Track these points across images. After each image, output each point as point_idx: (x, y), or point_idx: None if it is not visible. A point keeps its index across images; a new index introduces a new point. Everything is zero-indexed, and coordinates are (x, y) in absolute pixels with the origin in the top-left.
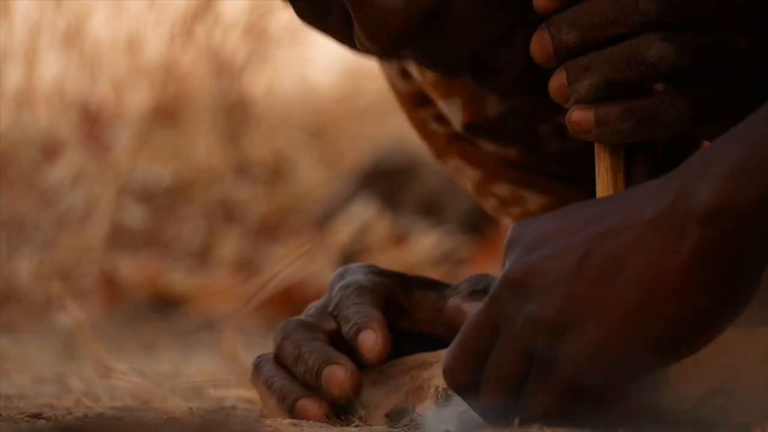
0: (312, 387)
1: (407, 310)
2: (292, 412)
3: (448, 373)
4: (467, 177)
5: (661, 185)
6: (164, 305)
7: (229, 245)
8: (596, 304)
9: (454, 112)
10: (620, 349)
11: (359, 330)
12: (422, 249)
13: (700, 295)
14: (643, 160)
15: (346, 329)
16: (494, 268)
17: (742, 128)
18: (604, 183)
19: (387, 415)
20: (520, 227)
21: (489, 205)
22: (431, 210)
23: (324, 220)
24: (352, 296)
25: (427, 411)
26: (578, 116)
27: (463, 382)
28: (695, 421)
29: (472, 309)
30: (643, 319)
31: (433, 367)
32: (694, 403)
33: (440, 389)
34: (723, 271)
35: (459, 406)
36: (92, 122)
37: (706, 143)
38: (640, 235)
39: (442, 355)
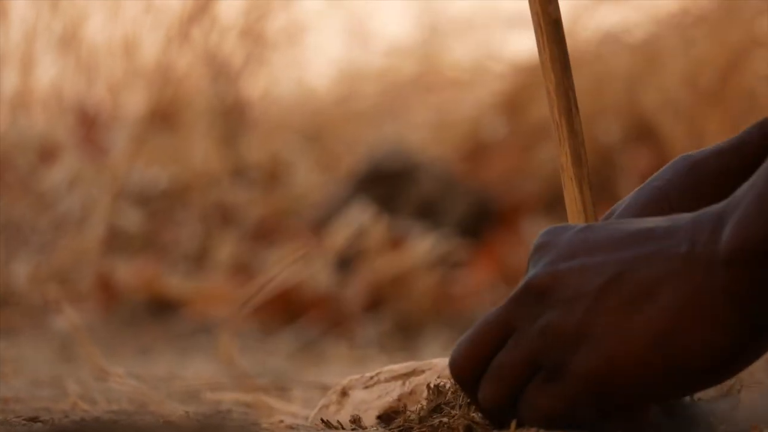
0: None
1: None
2: None
3: (453, 364)
4: None
5: (698, 222)
6: (161, 308)
7: (226, 248)
8: (618, 326)
9: None
10: (636, 373)
11: None
12: (419, 252)
13: (724, 332)
14: None
15: None
16: (491, 271)
17: (762, 171)
18: (570, 194)
19: (379, 417)
20: (551, 233)
21: None
22: (428, 213)
23: (321, 223)
24: None
25: None
26: None
27: (467, 375)
28: (701, 426)
29: None
30: (664, 349)
31: (426, 374)
32: (705, 413)
33: (432, 386)
34: (746, 310)
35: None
36: (89, 125)
37: None
38: (673, 268)
39: (435, 363)
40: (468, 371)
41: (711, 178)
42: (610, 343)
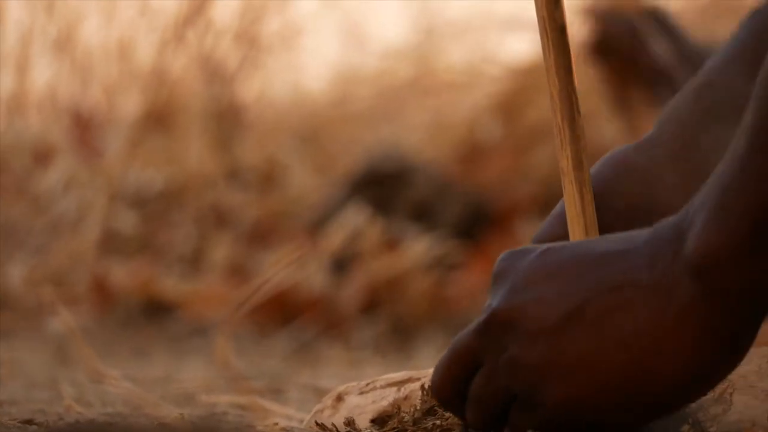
0: None
1: None
2: None
3: (434, 390)
4: None
5: (656, 240)
6: (156, 311)
7: (221, 251)
8: (583, 358)
9: None
10: (606, 403)
11: None
12: (414, 254)
13: (694, 353)
14: None
15: None
16: (486, 274)
17: (715, 176)
18: (570, 197)
19: (373, 421)
20: (509, 260)
21: None
22: (423, 215)
23: (316, 225)
24: None
25: None
26: None
27: (448, 401)
28: (694, 428)
29: None
30: (633, 378)
31: (421, 381)
32: (693, 410)
33: (426, 387)
34: (716, 326)
35: None
36: (84, 128)
37: None
38: (635, 295)
39: (430, 372)
40: (449, 397)
41: (636, 174)
42: (577, 375)
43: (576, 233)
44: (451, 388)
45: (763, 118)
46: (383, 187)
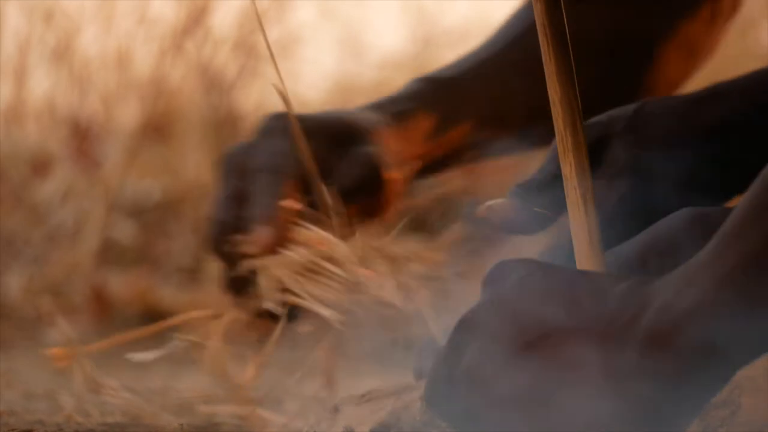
0: None
1: None
2: None
3: (427, 401)
4: None
5: (625, 299)
6: (154, 320)
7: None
8: (523, 391)
9: None
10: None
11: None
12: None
13: (634, 407)
14: None
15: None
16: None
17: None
18: (573, 203)
19: (372, 431)
20: (500, 270)
21: None
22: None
23: None
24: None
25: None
26: None
27: (441, 411)
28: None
29: None
30: (562, 419)
31: (420, 391)
32: (701, 413)
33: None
34: (645, 404)
35: None
36: (82, 138)
37: None
38: (587, 343)
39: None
40: (441, 409)
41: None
42: (514, 411)
43: (579, 239)
44: (441, 400)
45: (735, 224)
46: None
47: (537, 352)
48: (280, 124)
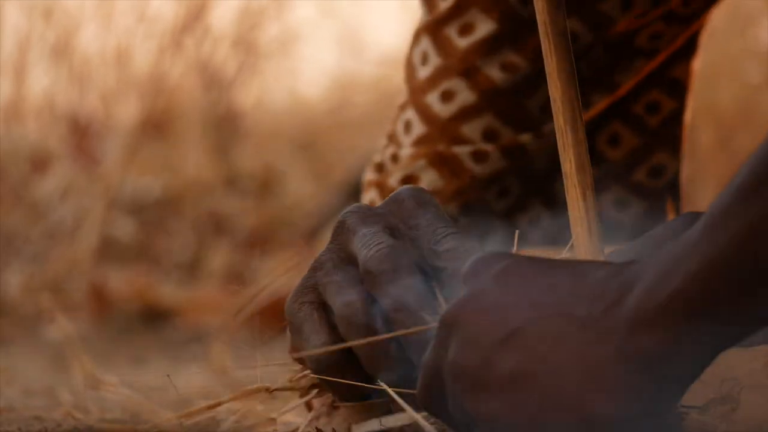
0: None
1: None
2: None
3: (420, 401)
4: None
5: (605, 283)
6: (154, 318)
7: (219, 258)
8: (508, 379)
9: None
10: (523, 427)
11: None
12: None
13: (609, 401)
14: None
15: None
16: None
17: (663, 247)
18: (573, 200)
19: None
20: (480, 264)
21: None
22: None
23: (313, 232)
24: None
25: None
26: None
27: (435, 410)
28: (700, 427)
29: None
30: (548, 408)
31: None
32: (699, 410)
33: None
34: (645, 375)
35: None
36: (81, 135)
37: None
38: (566, 331)
39: None
40: (431, 406)
41: None
42: (500, 393)
43: (579, 235)
44: (432, 402)
45: (724, 204)
46: None
47: (520, 342)
48: None
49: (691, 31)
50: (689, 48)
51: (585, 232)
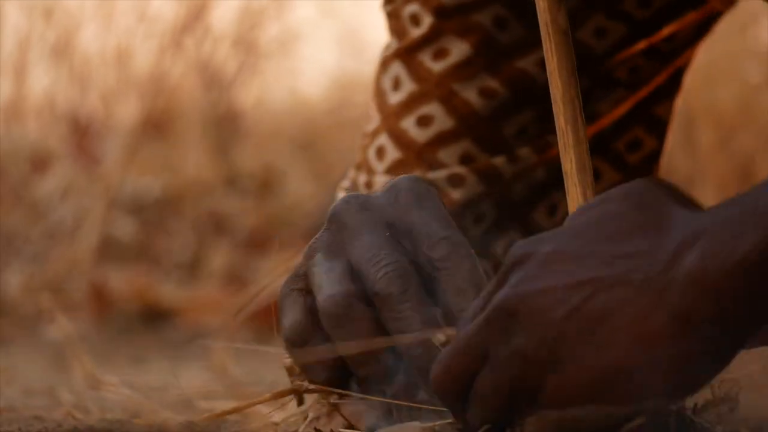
0: None
1: None
2: None
3: (435, 385)
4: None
5: (660, 247)
6: (154, 318)
7: (219, 258)
8: (578, 355)
9: None
10: (599, 397)
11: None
12: None
13: (680, 355)
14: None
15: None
16: None
17: (733, 201)
18: (574, 200)
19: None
20: (526, 247)
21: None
22: None
23: (314, 232)
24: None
25: None
26: None
27: (450, 397)
28: (698, 426)
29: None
30: (618, 377)
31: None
32: (698, 409)
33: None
34: (701, 334)
35: None
36: (82, 135)
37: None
38: (626, 296)
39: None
40: (451, 393)
41: None
42: (572, 371)
43: None
44: (453, 383)
45: None
46: None
47: (578, 318)
48: None
49: (675, 68)
50: (672, 86)
51: None
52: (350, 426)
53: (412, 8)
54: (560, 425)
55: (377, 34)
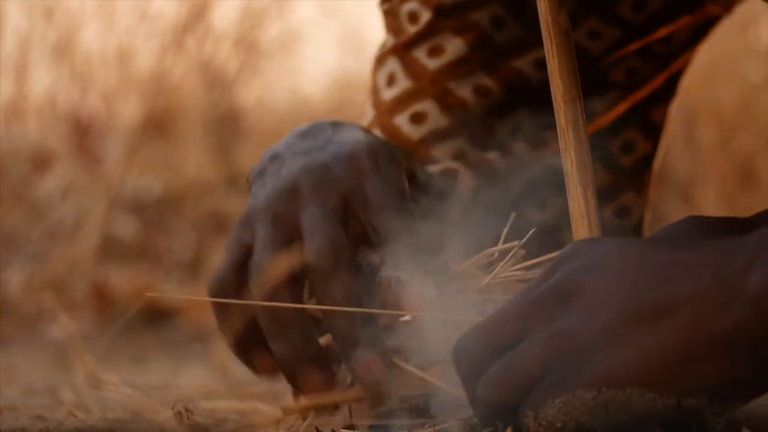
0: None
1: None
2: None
3: (457, 355)
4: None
5: (729, 251)
6: (155, 317)
7: (220, 257)
8: (632, 341)
9: None
10: (647, 383)
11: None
12: None
13: (733, 364)
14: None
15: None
16: None
17: None
18: (574, 199)
19: (371, 426)
20: (582, 245)
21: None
22: None
23: None
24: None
25: None
26: None
27: (469, 369)
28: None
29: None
30: (673, 371)
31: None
32: (698, 409)
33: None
34: (757, 349)
35: None
36: (83, 134)
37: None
38: (694, 296)
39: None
40: (472, 364)
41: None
42: (620, 357)
43: (580, 234)
44: (476, 358)
45: None
46: None
47: (637, 314)
48: None
49: (671, 72)
50: (668, 90)
51: (586, 230)
52: (350, 426)
53: (410, 6)
54: (593, 407)
55: (378, 34)
